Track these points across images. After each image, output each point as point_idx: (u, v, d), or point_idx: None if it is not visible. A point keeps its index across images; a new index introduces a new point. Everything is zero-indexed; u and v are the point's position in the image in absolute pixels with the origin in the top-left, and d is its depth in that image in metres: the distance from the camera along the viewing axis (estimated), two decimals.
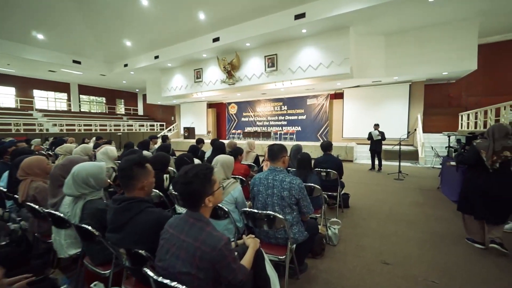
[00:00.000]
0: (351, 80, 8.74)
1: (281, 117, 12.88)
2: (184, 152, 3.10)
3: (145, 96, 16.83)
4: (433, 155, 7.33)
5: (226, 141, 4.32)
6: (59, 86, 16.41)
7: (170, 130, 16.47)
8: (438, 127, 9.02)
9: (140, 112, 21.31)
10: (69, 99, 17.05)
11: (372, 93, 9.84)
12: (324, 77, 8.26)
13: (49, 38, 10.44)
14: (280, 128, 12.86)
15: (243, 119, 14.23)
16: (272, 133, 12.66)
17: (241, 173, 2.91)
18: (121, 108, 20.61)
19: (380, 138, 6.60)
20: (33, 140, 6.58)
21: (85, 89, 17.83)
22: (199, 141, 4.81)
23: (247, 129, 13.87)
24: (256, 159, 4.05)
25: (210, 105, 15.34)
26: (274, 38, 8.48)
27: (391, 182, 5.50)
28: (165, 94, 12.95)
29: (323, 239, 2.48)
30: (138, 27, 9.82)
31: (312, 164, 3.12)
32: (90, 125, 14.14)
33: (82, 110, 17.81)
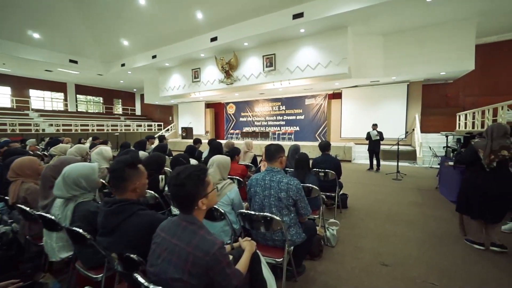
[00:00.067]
0: (349, 80, 8.74)
1: (279, 117, 12.86)
2: (181, 153, 3.06)
3: (143, 96, 16.73)
4: (431, 155, 7.34)
5: (224, 141, 4.28)
6: (56, 86, 16.27)
7: (168, 130, 16.39)
8: (436, 127, 9.06)
9: (138, 112, 21.18)
10: (66, 99, 16.91)
11: (370, 93, 9.84)
12: (322, 77, 8.25)
13: (45, 37, 10.35)
14: (279, 128, 12.83)
15: (241, 119, 14.19)
16: (271, 133, 12.64)
17: (239, 174, 2.88)
18: (119, 108, 20.48)
19: (379, 138, 6.60)
20: (28, 141, 6.48)
21: (82, 89, 17.70)
22: (196, 141, 4.77)
23: (245, 129, 13.82)
24: (254, 160, 4.01)
25: (208, 105, 15.28)
26: (272, 38, 8.45)
27: (389, 182, 5.49)
28: (163, 94, 12.88)
29: (321, 241, 2.45)
30: (135, 26, 9.75)
31: (310, 165, 3.10)
32: (87, 125, 14.02)
33: (79, 110, 17.67)
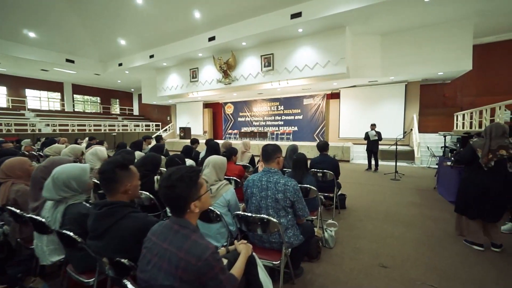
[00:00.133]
0: (348, 80, 8.73)
1: (278, 117, 12.83)
2: (178, 153, 3.01)
3: (141, 96, 16.64)
4: (429, 155, 7.35)
5: (222, 141, 4.24)
6: (52, 86, 16.13)
7: (166, 130, 16.30)
8: (434, 127, 9.08)
9: (136, 112, 21.07)
10: (63, 99, 16.77)
11: (369, 93, 9.84)
12: (321, 77, 8.22)
13: (41, 37, 10.23)
14: (277, 128, 12.80)
15: (240, 119, 14.14)
16: (269, 133, 12.60)
17: (236, 174, 2.84)
18: (116, 108, 20.35)
19: (377, 138, 6.59)
20: (23, 141, 6.40)
21: (79, 89, 17.57)
22: (194, 141, 4.72)
23: (244, 129, 13.78)
24: (252, 160, 3.98)
25: (206, 105, 15.22)
26: (270, 38, 8.42)
27: (388, 183, 5.48)
28: (161, 94, 12.81)
29: (319, 242, 2.42)
30: (133, 26, 9.68)
31: (308, 165, 3.07)
32: (84, 125, 13.92)
33: (76, 110, 17.53)
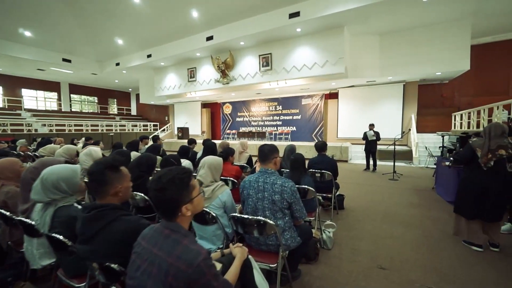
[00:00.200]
0: (346, 80, 8.72)
1: (276, 117, 12.80)
2: (174, 153, 2.97)
3: (138, 96, 16.53)
4: (427, 155, 7.35)
5: (219, 142, 4.19)
6: (49, 85, 15.98)
7: (164, 130, 16.21)
8: (432, 127, 9.10)
9: (133, 112, 20.95)
10: (60, 99, 16.63)
11: (367, 93, 9.84)
12: (319, 77, 8.21)
13: (37, 36, 10.13)
14: (275, 128, 12.77)
15: (238, 119, 14.10)
16: (267, 133, 12.57)
17: (233, 175, 2.80)
18: (114, 108, 20.22)
19: (375, 138, 6.57)
20: (18, 141, 6.31)
21: (76, 88, 17.42)
22: (191, 142, 4.68)
23: (242, 129, 13.74)
24: (249, 160, 3.93)
25: (205, 105, 15.16)
26: (269, 37, 8.39)
27: (386, 183, 5.47)
28: (158, 94, 12.73)
29: (317, 243, 2.38)
30: (130, 25, 9.60)
31: (306, 165, 3.03)
32: (81, 126, 13.80)
33: (73, 110, 17.39)
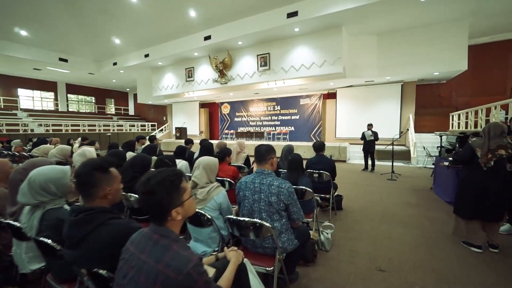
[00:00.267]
0: (344, 80, 8.71)
1: (274, 117, 12.77)
2: (169, 154, 2.92)
3: (136, 96, 16.44)
4: (425, 155, 7.35)
5: (216, 142, 4.15)
6: (46, 85, 15.84)
7: (162, 130, 16.13)
8: (430, 127, 9.11)
9: (131, 112, 20.83)
10: (57, 99, 16.49)
11: (365, 93, 9.83)
12: (317, 77, 8.19)
13: (33, 35, 10.03)
14: (273, 128, 12.75)
15: (236, 119, 14.06)
16: (265, 133, 12.53)
17: (229, 176, 2.76)
18: (111, 108, 20.09)
19: (373, 138, 6.56)
20: (13, 141, 6.21)
21: (73, 88, 17.30)
22: (188, 142, 4.63)
23: (240, 129, 13.69)
24: (247, 161, 3.89)
25: (203, 105, 15.10)
26: (267, 37, 8.36)
27: (384, 183, 5.45)
28: (156, 94, 12.67)
29: (315, 245, 2.35)
30: (127, 24, 9.53)
31: (304, 165, 3.00)
32: (78, 125, 13.69)
33: (70, 110, 17.26)
